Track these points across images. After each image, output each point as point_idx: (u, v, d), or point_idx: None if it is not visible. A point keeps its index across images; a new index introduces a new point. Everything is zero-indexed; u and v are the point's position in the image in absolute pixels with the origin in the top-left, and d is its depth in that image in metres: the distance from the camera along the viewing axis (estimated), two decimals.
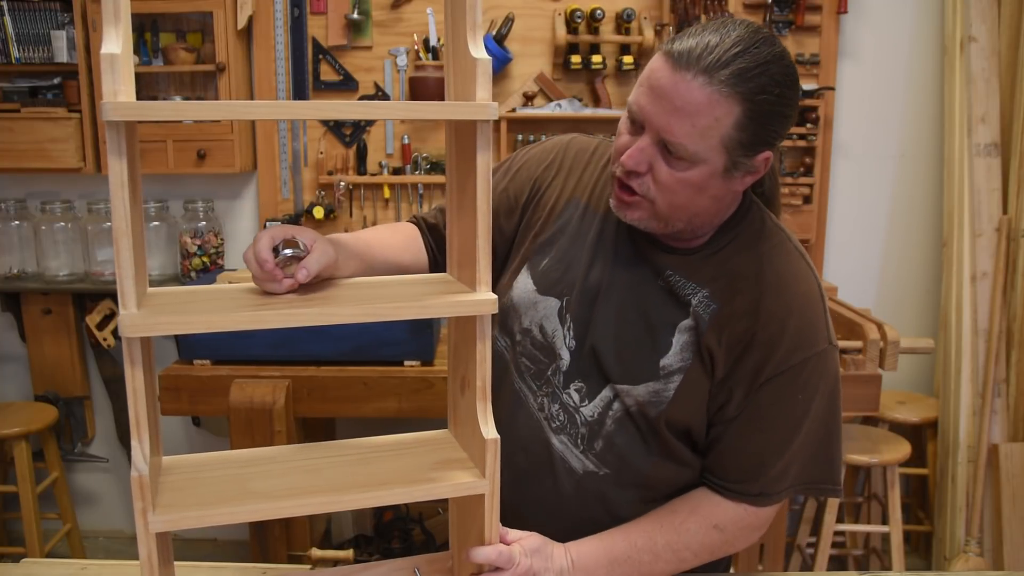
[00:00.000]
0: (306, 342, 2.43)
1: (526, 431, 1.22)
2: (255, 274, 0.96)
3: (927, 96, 2.98)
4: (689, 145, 1.02)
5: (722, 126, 1.01)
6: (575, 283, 1.20)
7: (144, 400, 0.85)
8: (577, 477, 1.20)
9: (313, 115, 0.86)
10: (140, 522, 0.85)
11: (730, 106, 1.00)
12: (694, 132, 1.01)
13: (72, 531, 2.92)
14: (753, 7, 2.84)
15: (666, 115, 1.01)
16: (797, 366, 1.09)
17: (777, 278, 1.12)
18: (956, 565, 2.74)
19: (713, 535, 1.12)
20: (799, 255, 1.16)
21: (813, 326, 1.11)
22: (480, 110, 0.87)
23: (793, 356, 1.09)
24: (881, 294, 3.10)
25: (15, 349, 3.14)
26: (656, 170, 1.05)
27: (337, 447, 1.05)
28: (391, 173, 2.92)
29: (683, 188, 1.06)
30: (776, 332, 1.10)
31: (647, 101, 1.04)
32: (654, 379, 1.15)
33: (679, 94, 1.00)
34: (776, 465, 1.12)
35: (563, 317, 1.21)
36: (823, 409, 1.13)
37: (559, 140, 1.33)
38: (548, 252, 1.24)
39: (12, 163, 2.80)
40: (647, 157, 1.05)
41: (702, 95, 0.99)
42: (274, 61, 2.89)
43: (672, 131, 1.02)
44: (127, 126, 0.80)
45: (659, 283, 1.17)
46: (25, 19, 2.77)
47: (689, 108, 1.00)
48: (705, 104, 1.00)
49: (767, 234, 1.16)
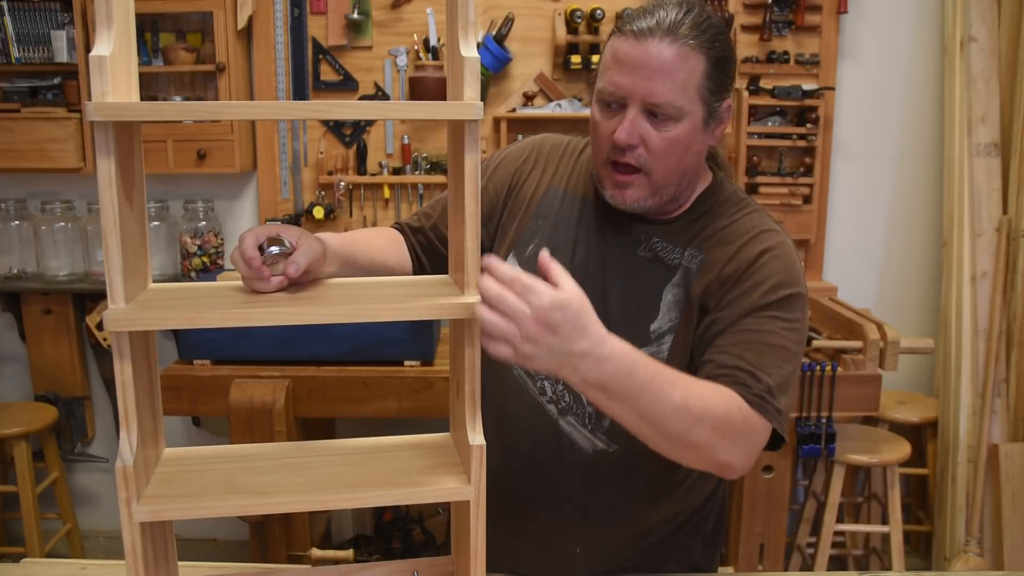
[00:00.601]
0: (306, 342, 2.43)
1: (530, 418, 1.24)
2: (243, 273, 0.97)
3: (927, 96, 2.98)
4: (675, 101, 1.11)
5: (695, 77, 1.11)
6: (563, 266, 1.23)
7: (133, 393, 0.86)
8: (587, 459, 1.22)
9: (313, 115, 0.87)
10: (124, 512, 0.87)
11: (697, 57, 1.11)
12: (676, 88, 1.10)
13: (72, 531, 2.92)
14: (753, 7, 2.84)
15: (646, 81, 1.10)
16: (783, 300, 1.14)
17: (756, 230, 1.20)
18: (956, 565, 2.74)
19: (735, 412, 1.05)
20: (770, 217, 1.25)
21: (794, 268, 1.18)
22: (465, 109, 0.87)
23: (779, 291, 1.15)
24: (881, 294, 3.10)
25: (15, 349, 3.14)
26: (647, 138, 1.13)
27: (334, 447, 1.06)
28: (391, 173, 2.93)
29: (674, 148, 1.14)
30: (760, 269, 1.16)
31: (622, 77, 1.12)
32: (647, 344, 1.18)
33: (653, 57, 1.09)
34: (765, 382, 1.10)
35: None
36: (797, 347, 1.15)
37: (534, 138, 1.40)
38: (533, 239, 1.28)
39: (12, 163, 2.80)
40: (637, 128, 1.12)
41: (673, 52, 1.10)
42: (274, 61, 2.89)
43: (656, 93, 1.10)
44: (122, 126, 0.80)
45: (644, 252, 1.22)
46: (25, 19, 2.77)
47: (667, 67, 1.10)
48: (679, 59, 1.10)
49: (740, 201, 1.25)
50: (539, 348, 0.89)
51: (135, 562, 0.89)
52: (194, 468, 0.99)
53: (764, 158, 2.92)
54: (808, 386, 2.40)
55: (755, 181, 2.90)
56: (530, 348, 0.89)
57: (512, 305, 0.88)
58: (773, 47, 2.87)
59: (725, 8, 2.74)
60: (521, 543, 1.30)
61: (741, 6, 2.83)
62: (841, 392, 2.41)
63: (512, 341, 0.88)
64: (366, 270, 1.21)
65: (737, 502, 2.58)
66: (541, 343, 0.89)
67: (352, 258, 1.19)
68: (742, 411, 1.06)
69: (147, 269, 0.98)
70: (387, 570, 1.14)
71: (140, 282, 0.94)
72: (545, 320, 0.88)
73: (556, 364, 0.91)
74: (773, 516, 2.54)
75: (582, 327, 0.90)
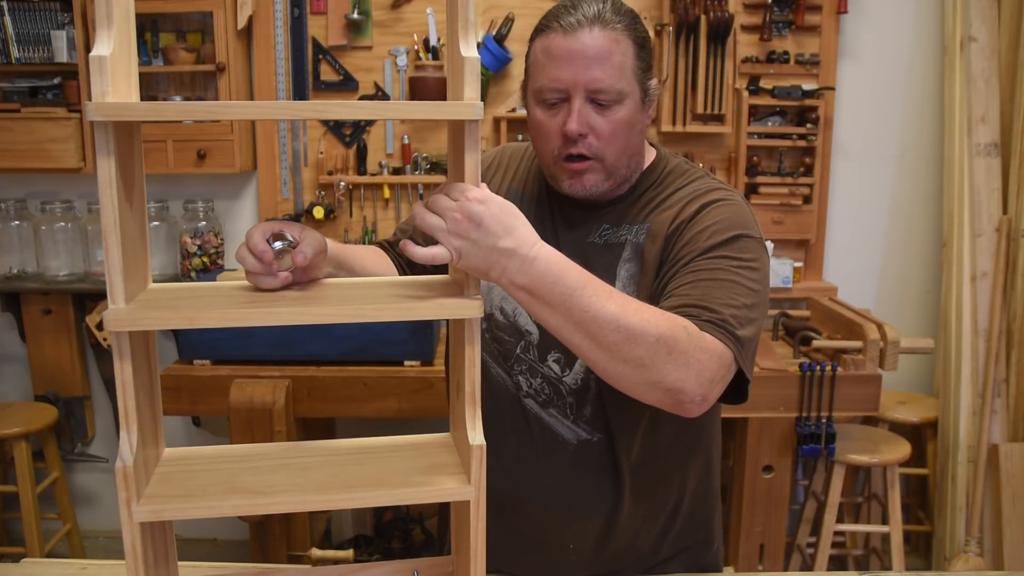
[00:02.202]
0: (306, 342, 2.43)
1: (511, 413, 1.26)
2: (251, 268, 0.97)
3: (927, 96, 2.98)
4: (616, 84, 1.14)
5: (628, 59, 1.16)
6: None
7: (133, 393, 0.87)
8: (572, 450, 1.24)
9: (313, 115, 0.87)
10: (124, 512, 0.87)
11: (626, 40, 1.15)
12: (615, 71, 1.14)
13: (72, 531, 2.92)
14: (753, 7, 2.84)
15: (586, 70, 1.13)
16: (729, 240, 1.16)
17: (700, 191, 1.23)
18: (956, 565, 2.74)
19: (680, 331, 1.01)
20: (717, 181, 1.27)
21: (741, 215, 1.20)
22: (465, 109, 0.87)
23: (725, 233, 1.16)
24: (881, 294, 3.10)
25: (15, 349, 3.14)
26: (594, 125, 1.16)
27: (334, 447, 1.06)
28: (391, 173, 2.93)
29: (621, 130, 1.17)
30: (703, 218, 1.18)
31: (560, 71, 1.15)
32: None
33: (588, 46, 1.13)
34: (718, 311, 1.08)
35: None
36: (754, 284, 1.14)
37: (495, 148, 1.45)
38: None
39: (12, 163, 2.80)
40: (585, 117, 1.15)
41: (605, 38, 1.14)
42: (274, 61, 2.89)
43: (598, 79, 1.14)
44: (122, 126, 0.80)
45: (594, 239, 1.25)
46: (25, 19, 2.77)
47: (603, 53, 1.13)
48: (612, 43, 1.14)
49: (683, 172, 1.28)
50: (465, 242, 0.91)
51: (135, 562, 0.89)
52: (194, 468, 0.99)
53: (764, 158, 2.92)
54: (808, 386, 2.40)
55: (755, 181, 2.90)
56: (457, 242, 0.91)
57: (442, 202, 0.92)
58: (773, 47, 2.87)
59: (725, 8, 2.74)
60: (513, 543, 1.30)
61: (741, 6, 2.83)
62: (841, 392, 2.41)
63: (440, 236, 0.91)
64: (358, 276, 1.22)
65: (737, 502, 2.58)
66: (467, 237, 0.91)
67: (347, 262, 1.20)
68: (688, 330, 1.02)
69: (147, 269, 0.98)
70: (387, 570, 1.14)
71: (140, 282, 0.94)
72: (468, 212, 0.90)
73: (484, 262, 0.93)
74: (773, 516, 2.54)
75: (508, 224, 0.93)
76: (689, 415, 1.06)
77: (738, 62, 2.86)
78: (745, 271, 1.13)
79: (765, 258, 1.19)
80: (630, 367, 1.00)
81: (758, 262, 1.16)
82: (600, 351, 0.99)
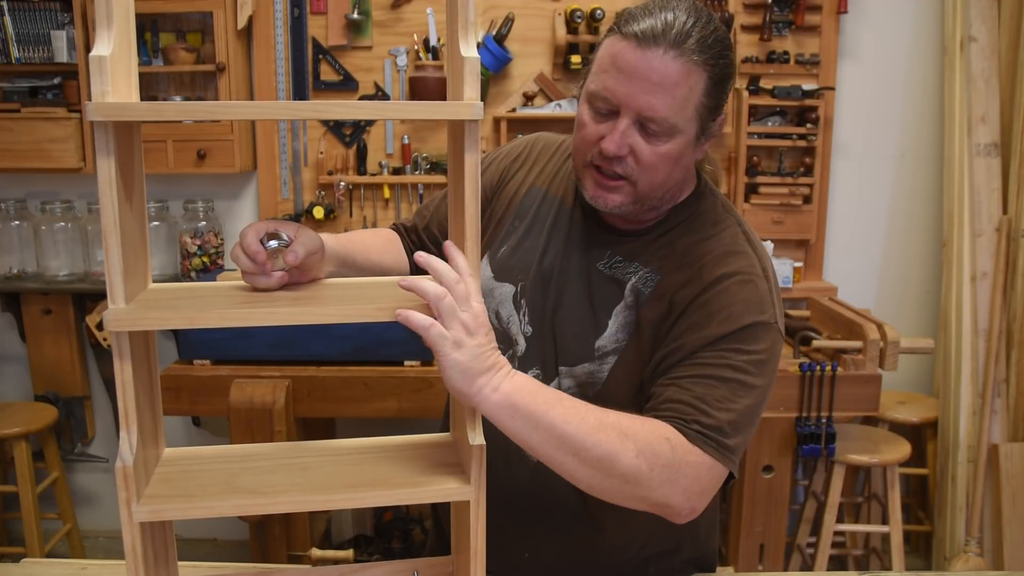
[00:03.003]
0: (306, 342, 2.43)
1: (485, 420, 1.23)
2: (246, 268, 0.96)
3: (927, 96, 2.98)
4: (671, 118, 1.05)
5: (695, 95, 1.06)
6: (530, 268, 1.23)
7: (133, 392, 0.87)
8: (533, 464, 1.18)
9: (313, 115, 0.87)
10: (124, 512, 0.87)
11: (700, 74, 1.05)
12: (675, 105, 1.05)
13: (72, 531, 2.92)
14: (753, 7, 2.84)
15: (645, 94, 1.04)
16: (742, 330, 1.08)
17: (723, 253, 1.14)
18: (956, 565, 2.74)
19: (662, 444, 0.99)
20: (746, 239, 1.17)
21: (757, 295, 1.10)
22: (465, 109, 0.87)
23: (738, 320, 1.08)
24: (881, 294, 3.10)
25: (15, 349, 3.14)
26: (637, 150, 1.07)
27: (334, 447, 1.06)
28: (391, 173, 2.93)
29: (664, 163, 1.08)
30: (717, 297, 1.09)
31: (619, 84, 1.05)
32: (589, 360, 1.16)
33: (655, 70, 1.03)
34: (714, 417, 1.05)
35: (518, 303, 1.23)
36: (760, 379, 1.09)
37: (530, 137, 1.37)
38: (507, 239, 1.27)
39: (12, 163, 2.80)
40: (627, 140, 1.07)
41: (676, 67, 1.03)
42: (274, 61, 2.89)
43: (654, 108, 1.04)
44: (122, 126, 0.80)
45: (602, 267, 1.19)
46: (25, 19, 2.77)
47: (668, 82, 1.03)
48: (682, 75, 1.04)
49: (717, 219, 1.18)
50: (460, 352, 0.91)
51: (135, 562, 0.89)
52: (194, 468, 0.99)
53: (764, 158, 2.92)
54: (808, 386, 2.40)
55: (755, 181, 2.90)
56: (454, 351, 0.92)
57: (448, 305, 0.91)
58: (773, 47, 2.87)
59: (725, 8, 2.74)
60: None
61: (741, 6, 2.83)
62: (841, 392, 2.41)
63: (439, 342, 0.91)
64: (363, 270, 1.21)
65: (737, 502, 2.58)
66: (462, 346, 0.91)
67: (350, 257, 1.18)
68: (672, 443, 1.00)
69: (147, 269, 0.98)
70: (387, 570, 1.14)
71: (140, 282, 0.94)
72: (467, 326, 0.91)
73: (468, 375, 0.92)
74: (773, 516, 2.54)
75: (493, 347, 0.94)
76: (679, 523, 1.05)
77: (738, 62, 2.86)
78: (752, 366, 1.07)
79: (778, 344, 1.11)
80: (614, 482, 0.98)
81: (768, 351, 1.09)
82: (584, 468, 0.97)
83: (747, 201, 2.91)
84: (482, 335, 0.92)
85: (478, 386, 0.93)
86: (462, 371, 0.92)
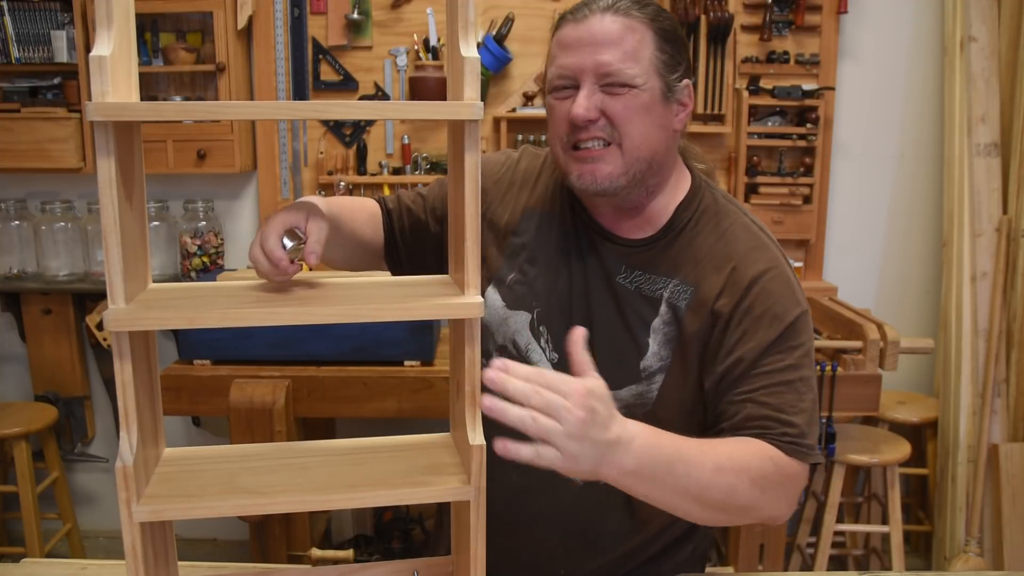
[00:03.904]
0: (306, 342, 2.43)
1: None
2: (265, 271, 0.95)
3: (927, 96, 2.98)
4: (627, 69, 1.07)
5: (645, 47, 1.09)
6: (543, 294, 1.21)
7: (133, 392, 0.87)
8: (577, 489, 1.18)
9: (313, 115, 0.87)
10: (124, 512, 0.87)
11: (643, 30, 1.09)
12: (626, 55, 1.08)
13: (72, 531, 2.92)
14: (753, 7, 2.84)
15: (595, 54, 1.08)
16: (789, 328, 1.11)
17: (746, 250, 1.15)
18: (956, 565, 2.74)
19: (768, 464, 1.04)
20: (758, 228, 1.19)
21: (790, 286, 1.14)
22: (465, 109, 0.87)
23: (783, 320, 1.11)
24: (881, 294, 3.10)
25: (15, 349, 3.14)
26: (607, 107, 1.09)
27: (334, 447, 1.06)
28: (391, 173, 2.92)
29: (637, 115, 1.09)
30: (758, 300, 1.12)
31: (569, 58, 1.09)
32: (636, 382, 1.15)
33: (597, 32, 1.08)
34: (795, 424, 1.09)
35: (536, 330, 1.21)
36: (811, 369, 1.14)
37: (510, 156, 1.33)
38: (513, 266, 1.24)
39: (12, 163, 2.80)
40: (595, 102, 1.08)
41: (616, 25, 1.08)
42: (274, 61, 2.89)
43: (608, 63, 1.07)
44: (122, 126, 0.80)
45: (625, 283, 1.18)
46: (25, 19, 2.77)
47: (612, 37, 1.08)
48: (625, 30, 1.08)
49: (723, 212, 1.19)
50: (583, 444, 0.85)
51: (135, 562, 0.89)
52: (194, 468, 0.99)
53: (764, 158, 2.92)
54: None
55: (755, 181, 2.90)
56: (575, 446, 0.84)
57: (549, 399, 0.83)
58: (773, 47, 2.87)
59: (725, 8, 2.74)
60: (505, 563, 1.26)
61: (741, 6, 2.83)
62: (841, 392, 2.40)
63: (556, 440, 0.84)
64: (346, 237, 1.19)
65: None
66: (584, 437, 0.85)
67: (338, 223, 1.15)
68: (775, 461, 1.05)
69: (147, 269, 0.98)
70: (387, 570, 1.14)
71: (140, 282, 0.94)
72: (584, 408, 0.84)
73: (597, 459, 0.87)
74: None
75: (610, 411, 0.88)
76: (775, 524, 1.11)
77: (738, 62, 2.86)
78: (804, 359, 1.12)
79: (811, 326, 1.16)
80: (734, 514, 1.04)
81: (809, 339, 1.14)
82: (707, 510, 1.01)
83: (747, 201, 2.91)
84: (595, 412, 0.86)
85: (605, 467, 0.90)
86: (586, 469, 0.88)
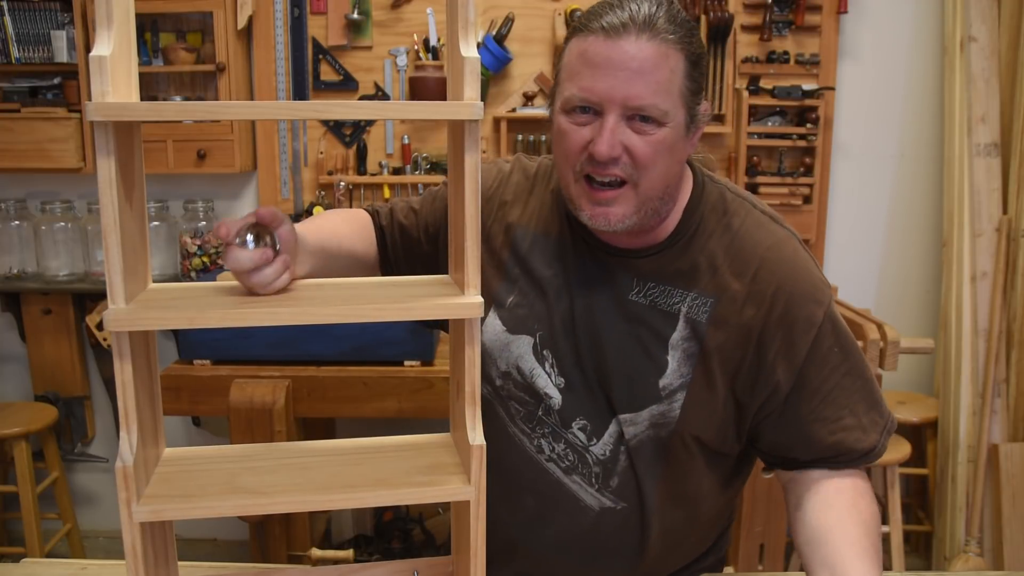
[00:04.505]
0: (306, 342, 2.43)
1: (529, 474, 1.18)
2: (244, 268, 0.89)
3: (927, 96, 2.98)
4: (660, 103, 0.99)
5: (677, 77, 1.00)
6: (544, 317, 1.16)
7: (133, 392, 0.87)
8: (594, 514, 1.16)
9: (313, 115, 0.86)
10: (124, 512, 0.87)
11: (677, 55, 1.00)
12: (660, 88, 0.99)
13: (72, 531, 2.92)
14: (753, 7, 2.84)
15: (627, 83, 0.98)
16: (824, 325, 1.08)
17: (764, 250, 1.09)
18: (956, 565, 2.74)
19: (873, 505, 1.08)
20: (770, 219, 1.13)
21: (814, 283, 1.09)
22: (465, 109, 0.87)
23: (815, 320, 1.07)
24: (881, 294, 3.10)
25: (15, 349, 3.14)
26: (631, 146, 1.01)
27: (334, 447, 1.06)
28: (391, 173, 2.93)
29: (661, 156, 1.02)
30: (788, 305, 1.07)
31: (596, 81, 0.99)
32: (656, 402, 1.11)
33: (632, 57, 0.98)
34: (857, 428, 1.10)
35: (540, 354, 1.16)
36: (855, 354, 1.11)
37: (500, 170, 1.25)
38: (512, 289, 1.19)
39: (12, 163, 2.80)
40: (619, 137, 1.00)
41: (653, 50, 0.98)
42: (274, 61, 2.89)
43: (640, 96, 0.98)
44: (122, 126, 0.80)
45: (638, 298, 1.11)
46: (25, 19, 2.77)
47: (647, 66, 0.98)
48: (660, 57, 0.98)
49: (732, 209, 1.13)
50: None
51: (135, 562, 0.89)
52: (194, 468, 0.98)
53: (764, 158, 2.92)
54: None
55: (755, 181, 2.90)
56: None
57: None
58: (773, 47, 2.87)
59: (725, 8, 2.74)
60: None
61: (741, 6, 2.83)
62: None
63: None
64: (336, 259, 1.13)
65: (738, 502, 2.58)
66: None
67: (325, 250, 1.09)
68: (868, 485, 1.12)
69: (147, 269, 0.98)
70: (387, 570, 1.14)
71: (140, 282, 0.94)
72: None
73: None
74: (773, 516, 2.54)
75: None
76: None
77: (738, 62, 2.87)
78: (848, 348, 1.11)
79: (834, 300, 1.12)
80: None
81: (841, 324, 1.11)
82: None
83: None
84: None
85: None
86: None
